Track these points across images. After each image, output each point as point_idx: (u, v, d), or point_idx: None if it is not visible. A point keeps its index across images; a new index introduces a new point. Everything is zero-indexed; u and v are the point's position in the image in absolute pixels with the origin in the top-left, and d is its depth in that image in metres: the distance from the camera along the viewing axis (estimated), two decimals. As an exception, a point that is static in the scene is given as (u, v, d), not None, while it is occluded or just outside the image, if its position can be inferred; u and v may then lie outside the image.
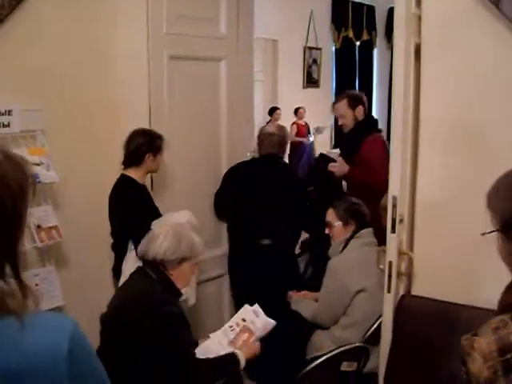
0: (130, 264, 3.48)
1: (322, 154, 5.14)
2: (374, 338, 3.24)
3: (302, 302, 3.78)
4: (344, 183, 4.60)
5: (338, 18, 10.83)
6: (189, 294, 3.52)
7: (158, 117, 3.86)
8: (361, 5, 11.39)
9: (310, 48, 10.46)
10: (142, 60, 3.79)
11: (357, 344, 3.33)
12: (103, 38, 3.87)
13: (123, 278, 3.45)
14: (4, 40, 3.45)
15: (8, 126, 3.50)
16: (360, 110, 4.40)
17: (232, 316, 3.28)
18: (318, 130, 9.78)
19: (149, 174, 3.81)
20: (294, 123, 9.54)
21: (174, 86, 3.94)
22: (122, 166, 3.65)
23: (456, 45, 2.83)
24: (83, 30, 3.78)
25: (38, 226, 3.57)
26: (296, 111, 9.63)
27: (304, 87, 10.48)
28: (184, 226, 2.95)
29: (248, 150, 4.44)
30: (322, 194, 4.41)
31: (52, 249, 3.67)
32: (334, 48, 10.99)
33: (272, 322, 3.06)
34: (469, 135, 2.82)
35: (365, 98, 4.55)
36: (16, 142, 3.53)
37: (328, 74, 10.96)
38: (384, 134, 4.56)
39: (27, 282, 1.21)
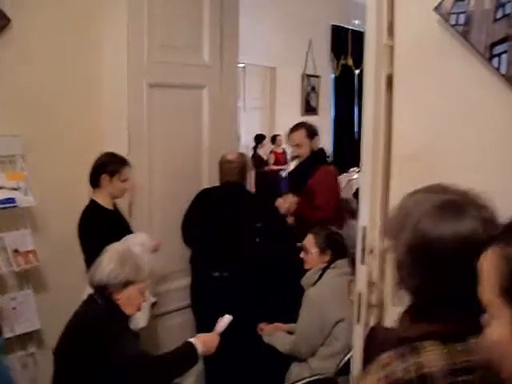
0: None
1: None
2: (348, 368, 3.20)
3: (276, 335, 3.69)
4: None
5: (338, 46, 10.90)
6: (137, 315, 3.47)
7: (137, 144, 3.86)
8: (360, 33, 11.44)
9: (309, 76, 10.51)
10: (123, 87, 3.81)
11: (326, 375, 3.29)
12: (85, 66, 3.92)
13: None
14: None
15: (-14, 151, 3.53)
16: (316, 140, 4.57)
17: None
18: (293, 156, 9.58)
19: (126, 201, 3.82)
20: (271, 152, 9.48)
21: (154, 114, 3.95)
22: (83, 189, 3.66)
23: (428, 75, 2.84)
24: (65, 56, 3.82)
25: (15, 251, 3.59)
26: (273, 139, 9.59)
27: (302, 115, 10.50)
28: (130, 250, 2.90)
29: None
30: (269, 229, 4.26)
31: (29, 273, 3.68)
32: (333, 76, 11.04)
33: (228, 316, 3.01)
34: (440, 167, 2.81)
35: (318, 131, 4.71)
36: (-7, 168, 3.56)
37: (327, 101, 11.00)
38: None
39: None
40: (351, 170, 8.75)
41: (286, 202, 4.39)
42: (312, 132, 4.55)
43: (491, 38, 2.55)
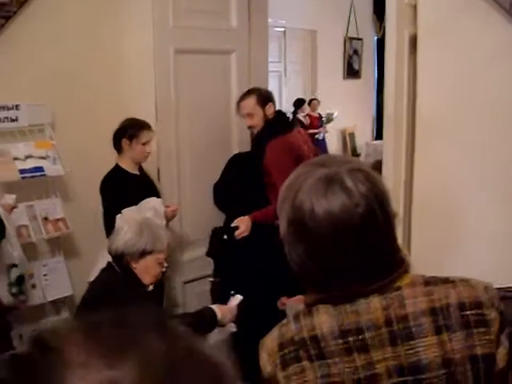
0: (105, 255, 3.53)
1: None
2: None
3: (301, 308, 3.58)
4: None
5: (380, 7, 10.61)
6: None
7: (165, 111, 3.86)
8: (405, -7, 11.14)
9: (351, 38, 10.29)
10: (149, 55, 3.79)
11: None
12: (110, 33, 3.91)
13: (94, 269, 3.51)
14: (13, 36, 3.53)
15: (16, 120, 3.58)
16: (270, 107, 3.90)
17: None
18: (328, 119, 9.33)
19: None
20: (306, 115, 9.35)
21: (182, 80, 3.92)
22: (112, 158, 3.68)
23: (453, 35, 2.73)
24: (90, 26, 3.82)
25: (45, 218, 3.65)
26: (309, 102, 9.45)
27: (344, 78, 10.32)
28: (149, 219, 2.92)
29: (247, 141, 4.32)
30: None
31: (60, 240, 3.75)
32: (375, 38, 10.78)
33: (239, 296, 3.01)
34: (465, 128, 2.73)
35: (273, 95, 4.07)
36: (23, 136, 3.61)
37: (370, 64, 10.76)
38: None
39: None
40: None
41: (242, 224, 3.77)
42: (265, 98, 3.90)
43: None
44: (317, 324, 1.24)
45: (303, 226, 1.22)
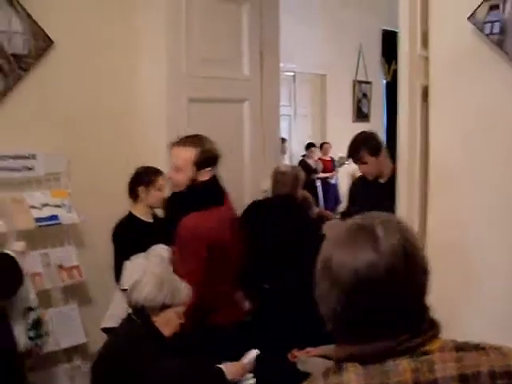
0: (118, 294, 3.55)
1: None
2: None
3: (312, 362, 3.41)
4: None
5: (389, 51, 10.75)
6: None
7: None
8: (413, 37, 11.26)
9: (360, 82, 10.41)
10: (162, 102, 3.85)
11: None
12: (125, 84, 3.99)
13: (110, 307, 3.56)
14: (30, 86, 3.61)
15: (32, 169, 3.63)
16: (206, 173, 3.11)
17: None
18: (340, 162, 9.37)
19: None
20: (318, 159, 9.41)
21: (194, 128, 3.94)
22: (124, 207, 3.69)
23: (464, 87, 2.77)
24: (106, 74, 3.91)
25: (60, 266, 3.67)
26: (321, 146, 9.52)
27: (354, 121, 10.41)
28: (168, 272, 2.90)
29: (262, 190, 4.36)
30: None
31: (74, 287, 3.76)
32: (384, 82, 10.90)
33: (255, 351, 3.00)
34: (479, 171, 2.74)
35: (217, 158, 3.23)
36: (39, 184, 3.65)
37: (378, 108, 10.86)
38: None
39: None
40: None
41: None
42: (204, 159, 3.10)
43: (527, 47, 2.49)
44: (345, 382, 1.22)
45: (331, 277, 1.22)
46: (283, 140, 9.15)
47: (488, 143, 2.71)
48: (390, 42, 10.61)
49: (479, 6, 2.58)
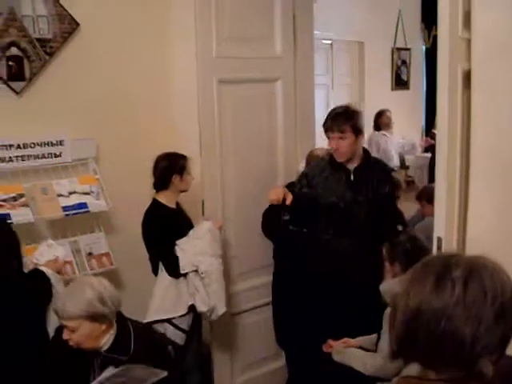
0: (162, 286, 3.56)
1: None
2: None
3: (349, 353, 3.29)
4: None
5: (428, 16, 10.36)
6: (216, 300, 3.53)
7: (209, 142, 3.77)
8: (454, 0, 10.83)
9: (399, 49, 10.08)
10: (192, 85, 3.72)
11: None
12: (154, 66, 3.89)
13: (153, 300, 3.56)
14: (56, 71, 3.53)
15: (60, 155, 3.57)
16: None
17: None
18: None
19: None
20: None
21: (226, 110, 3.83)
22: (154, 191, 3.64)
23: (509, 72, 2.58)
24: (134, 57, 3.81)
25: (90, 254, 3.62)
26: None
27: (393, 89, 10.12)
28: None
29: (295, 171, 4.18)
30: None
31: (104, 275, 3.71)
32: (424, 48, 10.54)
33: None
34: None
35: None
36: (67, 171, 3.59)
37: (418, 75, 10.52)
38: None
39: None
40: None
41: None
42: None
43: None
44: None
45: (416, 319, 1.32)
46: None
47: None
48: (429, 6, 10.26)
49: (527, -15, 2.38)
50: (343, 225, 3.63)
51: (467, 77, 2.66)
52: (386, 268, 3.28)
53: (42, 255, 3.15)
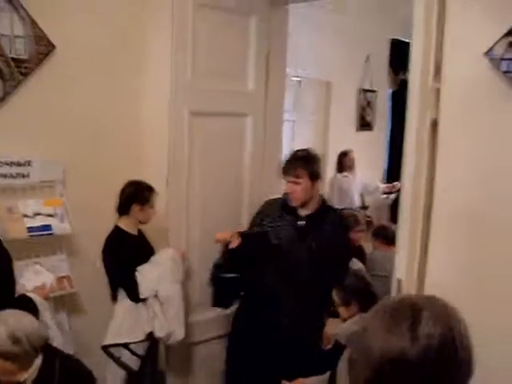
0: (121, 309, 3.58)
1: None
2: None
3: None
4: None
5: (396, 61, 10.63)
6: (174, 326, 3.55)
7: (177, 172, 3.82)
8: (421, 48, 11.12)
9: (365, 90, 10.30)
10: (164, 113, 3.77)
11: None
12: (127, 93, 3.91)
13: (112, 324, 3.57)
14: (30, 92, 3.51)
15: (28, 176, 3.54)
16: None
17: None
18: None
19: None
20: None
21: (196, 142, 3.88)
22: (117, 216, 3.67)
23: (476, 122, 2.68)
24: (107, 82, 3.82)
25: (50, 276, 3.58)
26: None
27: (357, 130, 10.30)
28: None
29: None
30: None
31: (64, 297, 3.68)
32: (390, 91, 10.78)
33: None
34: (488, 227, 2.64)
35: None
36: (33, 192, 3.57)
37: (383, 117, 10.75)
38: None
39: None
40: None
41: None
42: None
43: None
44: None
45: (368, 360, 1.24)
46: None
47: (496, 183, 2.63)
48: (397, 51, 10.53)
49: (497, 41, 2.50)
50: (284, 267, 3.57)
51: (435, 124, 2.76)
52: (340, 313, 3.33)
53: (29, 281, 3.11)
